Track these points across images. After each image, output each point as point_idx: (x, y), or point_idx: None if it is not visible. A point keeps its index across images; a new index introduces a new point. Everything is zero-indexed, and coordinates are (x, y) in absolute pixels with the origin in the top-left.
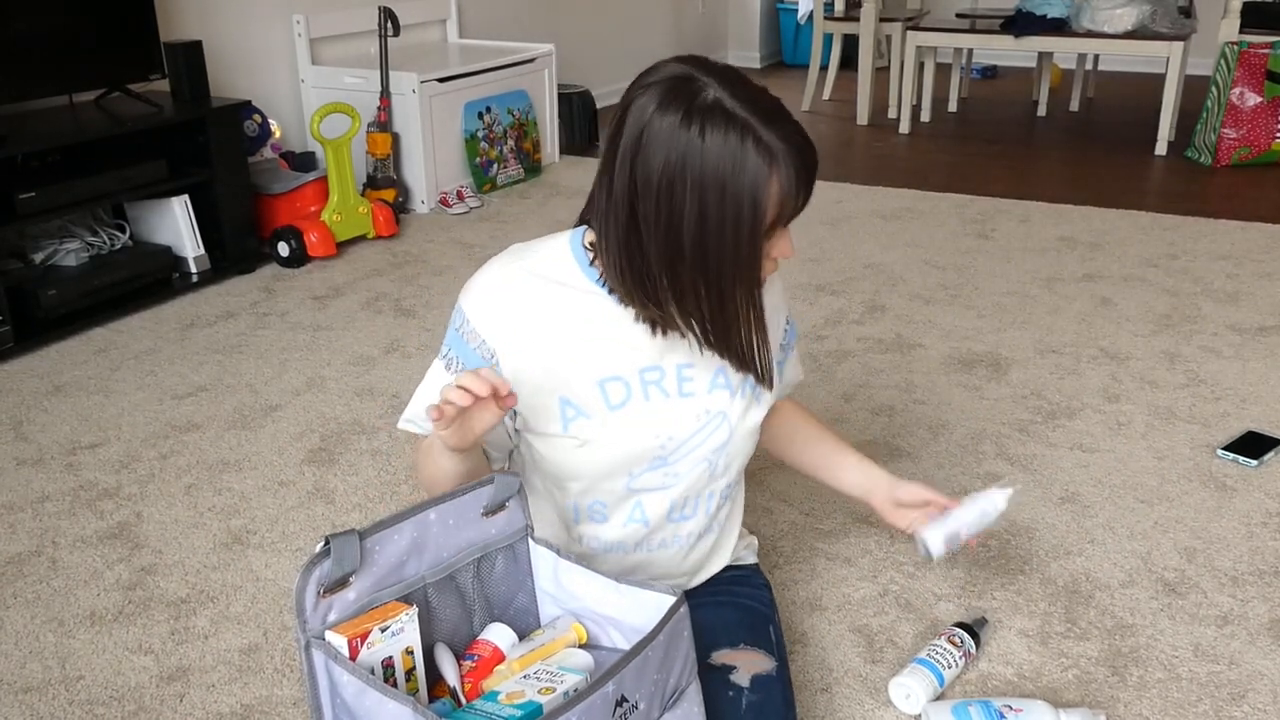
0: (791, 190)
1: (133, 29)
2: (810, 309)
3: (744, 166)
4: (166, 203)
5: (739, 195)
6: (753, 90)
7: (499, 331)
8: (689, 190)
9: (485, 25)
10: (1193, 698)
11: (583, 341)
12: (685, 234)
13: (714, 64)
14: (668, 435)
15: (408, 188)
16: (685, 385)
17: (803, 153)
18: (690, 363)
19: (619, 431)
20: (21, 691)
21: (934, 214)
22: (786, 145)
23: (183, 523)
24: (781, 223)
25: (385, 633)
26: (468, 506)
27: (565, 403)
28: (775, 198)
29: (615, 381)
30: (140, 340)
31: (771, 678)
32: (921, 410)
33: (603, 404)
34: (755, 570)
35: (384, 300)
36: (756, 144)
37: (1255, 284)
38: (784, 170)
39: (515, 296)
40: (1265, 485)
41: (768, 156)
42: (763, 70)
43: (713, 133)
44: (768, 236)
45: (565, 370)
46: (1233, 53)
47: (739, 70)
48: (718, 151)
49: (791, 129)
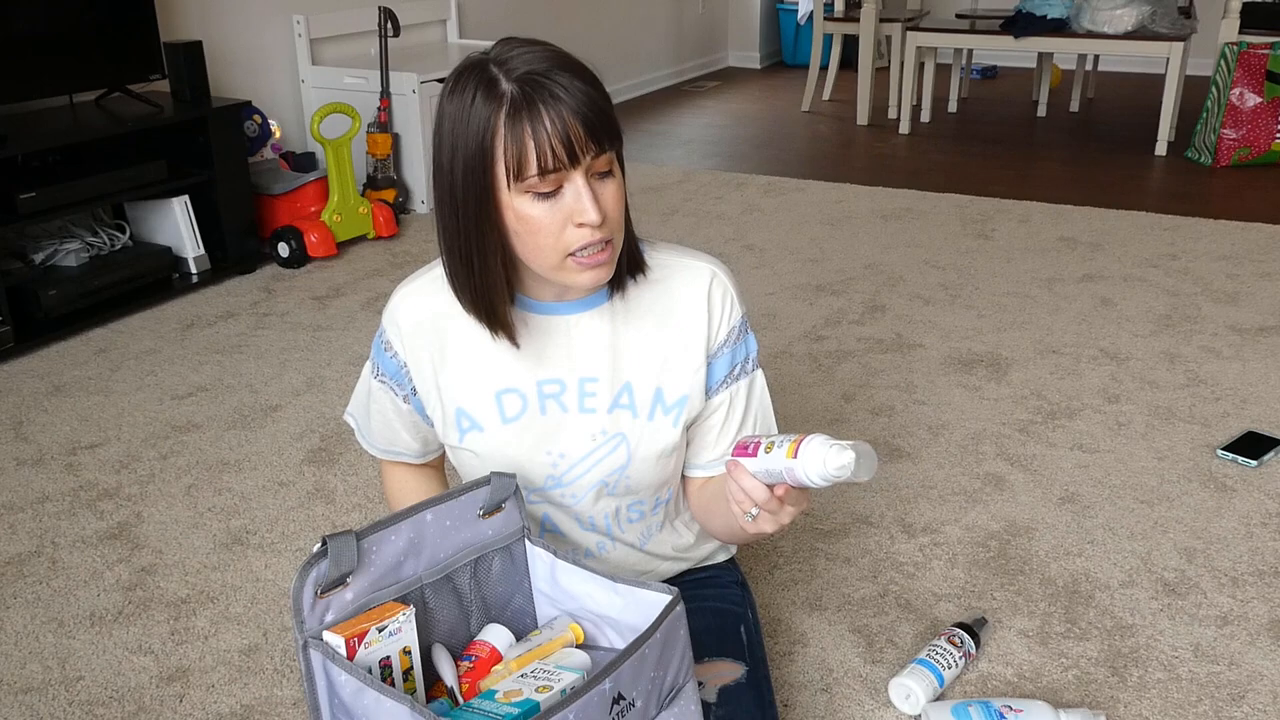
0: (523, 140)
1: (133, 29)
2: (810, 309)
3: (472, 115)
4: (166, 203)
5: (469, 138)
6: (525, 45)
7: (407, 342)
8: (444, 146)
9: (485, 25)
10: (1193, 698)
11: (480, 351)
12: (448, 199)
13: (506, 38)
14: (559, 453)
15: (408, 188)
16: (587, 400)
17: (537, 100)
18: (595, 377)
19: (510, 447)
20: (21, 692)
21: (934, 214)
22: (520, 86)
23: (183, 523)
24: (538, 170)
25: (383, 633)
26: (464, 508)
27: (461, 414)
28: (507, 146)
29: (511, 394)
30: (140, 340)
31: (741, 685)
32: (921, 410)
33: (496, 417)
34: (726, 568)
35: (384, 300)
36: (490, 88)
37: (1255, 284)
38: (508, 119)
39: (422, 307)
40: (1265, 485)
41: (496, 105)
42: (763, 70)
43: (464, 91)
44: (526, 186)
45: (464, 381)
46: (1232, 53)
47: (530, 38)
48: (457, 107)
49: (541, 75)
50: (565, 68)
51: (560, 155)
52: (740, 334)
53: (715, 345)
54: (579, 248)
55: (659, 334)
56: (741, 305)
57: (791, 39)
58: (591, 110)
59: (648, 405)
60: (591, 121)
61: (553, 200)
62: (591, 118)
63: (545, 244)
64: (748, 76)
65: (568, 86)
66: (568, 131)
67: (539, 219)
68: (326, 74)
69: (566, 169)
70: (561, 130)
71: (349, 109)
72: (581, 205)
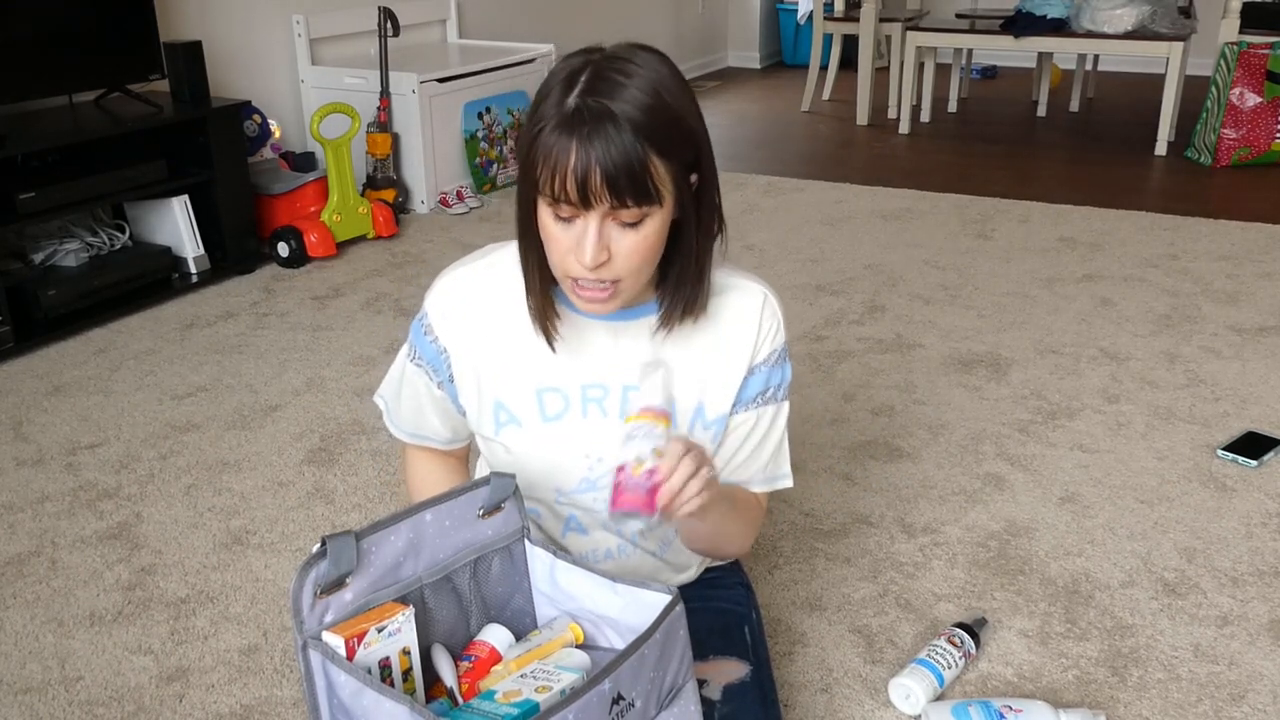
0: (551, 160)
1: (133, 29)
2: (810, 309)
3: (540, 108)
4: (166, 203)
5: (531, 127)
6: (628, 65)
7: (451, 330)
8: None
9: (485, 25)
10: (1193, 698)
11: (527, 346)
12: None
13: (636, 44)
14: (597, 457)
15: (407, 188)
16: (629, 409)
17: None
18: (637, 386)
19: (548, 445)
20: (21, 692)
21: (934, 214)
22: (577, 109)
23: (183, 523)
24: (553, 195)
25: (382, 633)
26: (464, 508)
27: (499, 406)
28: (540, 155)
29: (553, 393)
30: (140, 340)
31: (745, 684)
32: (921, 410)
33: (537, 414)
34: (731, 569)
35: (384, 300)
36: (564, 90)
37: (1255, 284)
38: (550, 132)
39: (469, 296)
40: (1265, 485)
41: (556, 111)
42: (763, 70)
43: (555, 78)
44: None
45: (506, 374)
46: (1232, 53)
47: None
48: (547, 83)
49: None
50: (632, 114)
51: (571, 194)
52: (780, 359)
53: (756, 363)
54: (573, 275)
55: (705, 355)
56: (785, 333)
57: (791, 39)
58: (619, 167)
59: (688, 418)
60: (614, 178)
61: (568, 224)
62: (615, 174)
63: (554, 259)
64: (747, 76)
65: (613, 136)
66: (586, 176)
67: (553, 235)
68: (326, 74)
69: (578, 208)
70: (581, 172)
71: (349, 109)
72: (581, 246)
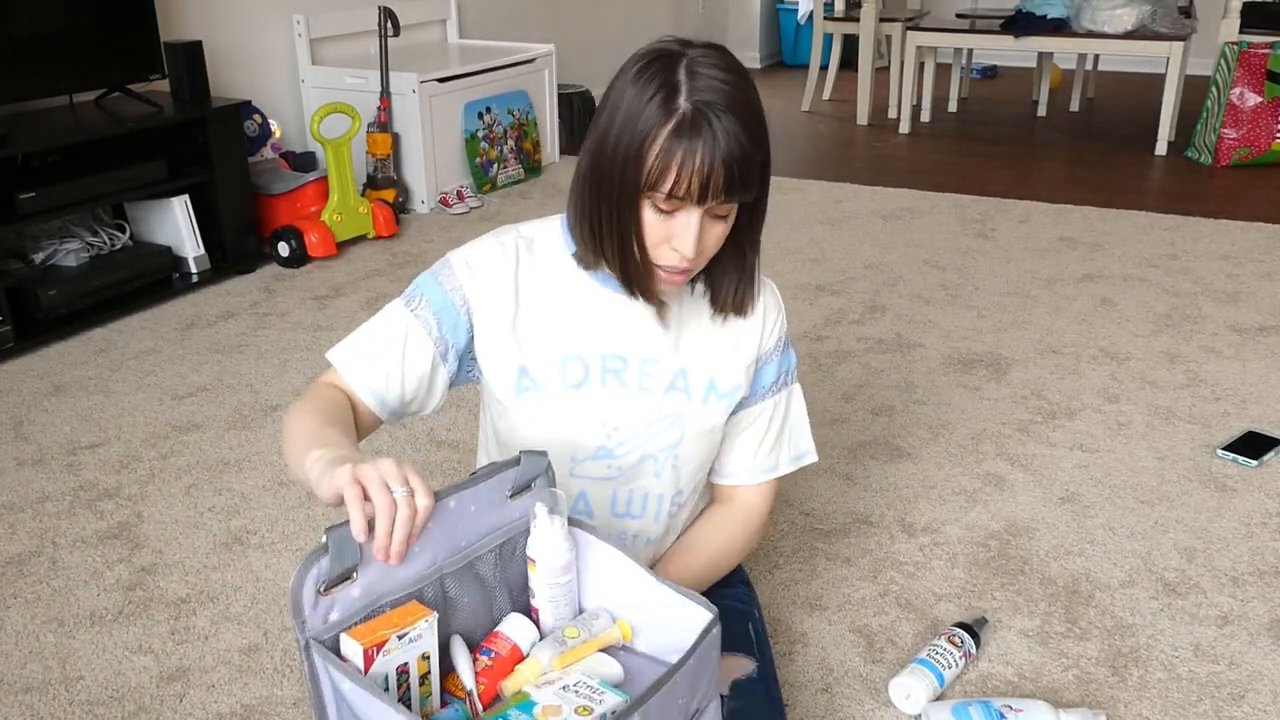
0: (671, 161)
1: (133, 29)
2: (810, 309)
3: (645, 111)
4: (166, 203)
5: (635, 132)
6: (719, 68)
7: (478, 285)
8: (604, 116)
9: (485, 25)
10: (1193, 698)
11: (553, 315)
12: (590, 155)
13: (709, 44)
14: (614, 426)
15: (408, 188)
16: (645, 381)
17: (700, 133)
18: (655, 359)
19: (568, 413)
20: (21, 691)
21: (934, 214)
22: (693, 118)
23: (183, 523)
24: (668, 192)
25: (403, 639)
26: (491, 490)
27: (523, 372)
28: (657, 158)
29: (574, 361)
30: (140, 340)
31: (753, 680)
32: (921, 410)
33: (559, 380)
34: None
35: (384, 300)
36: (669, 98)
37: (1255, 284)
38: (669, 135)
39: (501, 257)
40: (1265, 485)
41: (666, 115)
42: (763, 70)
43: (649, 82)
44: (652, 197)
45: (530, 340)
46: (1233, 53)
47: (728, 55)
48: (638, 94)
49: (716, 110)
50: (738, 108)
51: (693, 191)
52: (786, 346)
53: (765, 350)
54: (664, 264)
55: (716, 331)
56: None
57: (791, 39)
58: (739, 163)
59: (701, 390)
60: (734, 174)
61: (666, 216)
62: (736, 171)
63: (644, 246)
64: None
65: (732, 131)
66: (710, 175)
67: (648, 225)
68: (326, 74)
69: (692, 203)
70: (706, 172)
71: (349, 109)
72: (683, 237)
